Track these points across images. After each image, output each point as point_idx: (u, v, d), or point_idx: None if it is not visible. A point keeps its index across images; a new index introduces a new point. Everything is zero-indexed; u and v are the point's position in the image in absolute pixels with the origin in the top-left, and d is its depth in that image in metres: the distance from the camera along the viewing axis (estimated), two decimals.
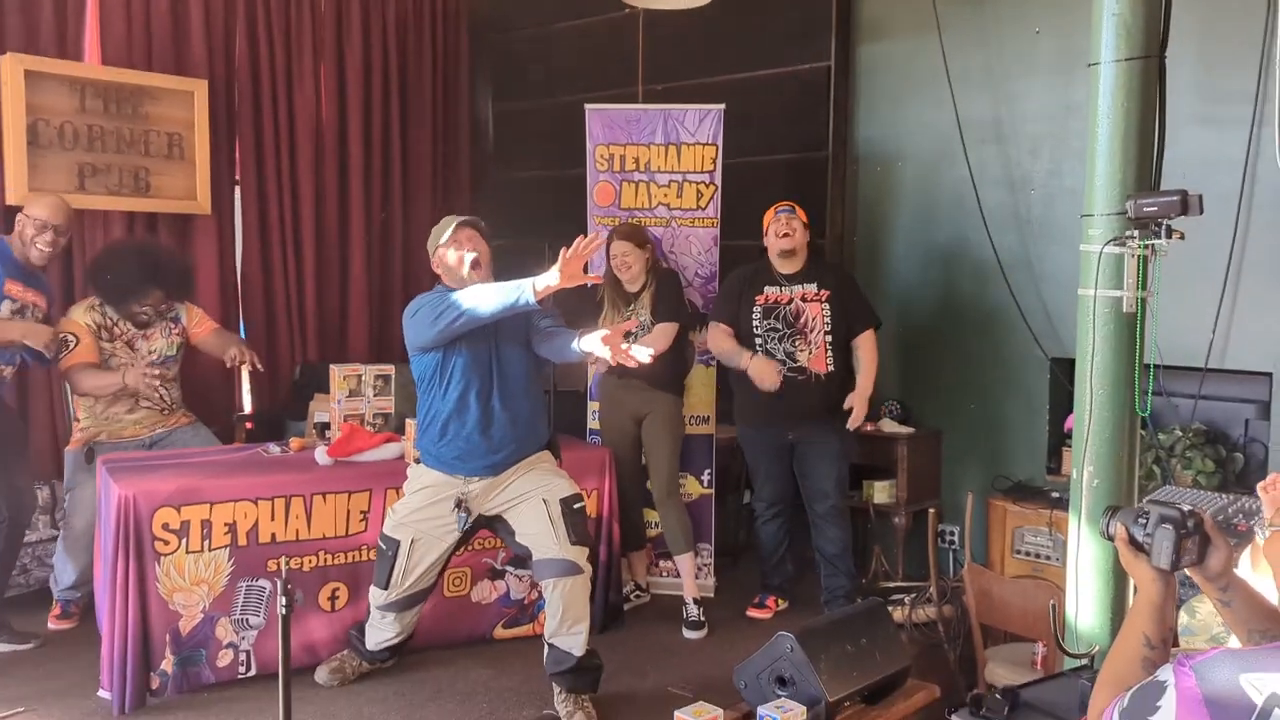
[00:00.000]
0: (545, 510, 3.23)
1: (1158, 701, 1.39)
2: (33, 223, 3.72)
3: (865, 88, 4.79)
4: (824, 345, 4.04)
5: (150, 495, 3.32)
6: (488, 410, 3.23)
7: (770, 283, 4.10)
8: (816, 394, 4.04)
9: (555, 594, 3.21)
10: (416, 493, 3.33)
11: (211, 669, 3.45)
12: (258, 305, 5.04)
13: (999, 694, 1.78)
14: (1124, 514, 1.58)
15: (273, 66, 5.00)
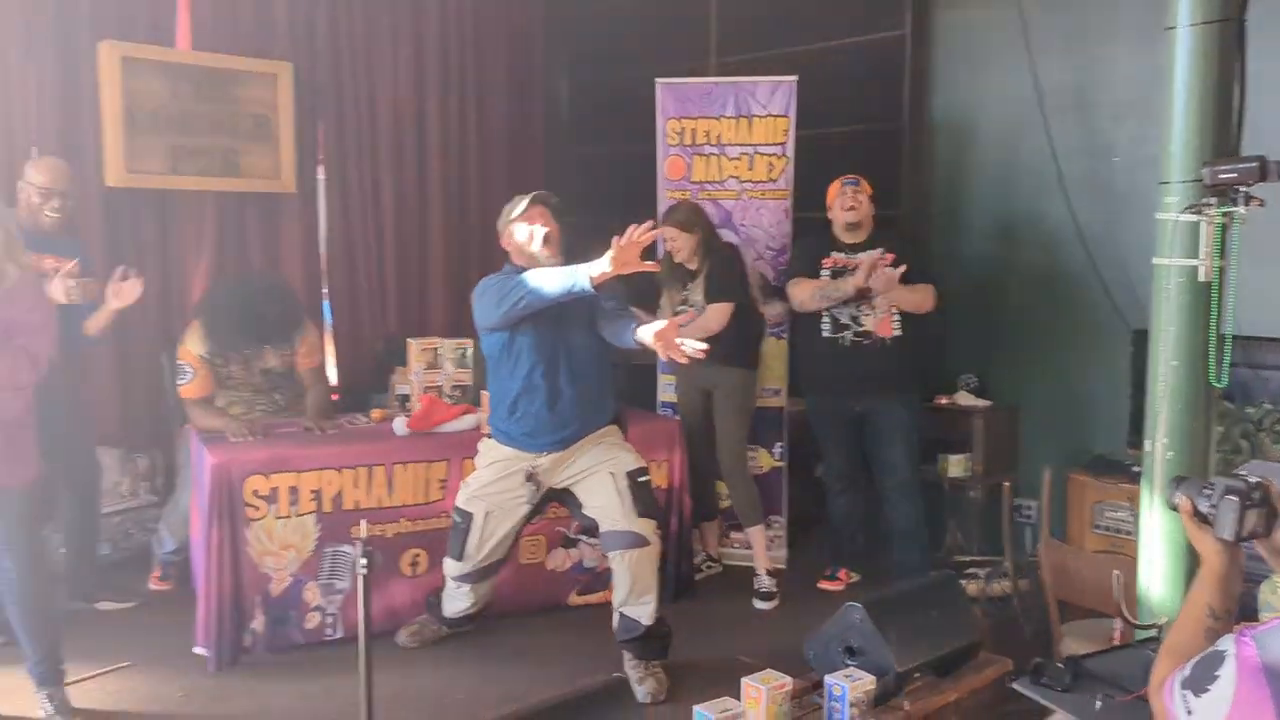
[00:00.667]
0: (612, 483, 3.30)
1: (1217, 671, 1.40)
2: (38, 190, 3.68)
3: (942, 56, 4.71)
4: (889, 309, 4.00)
5: (241, 463, 3.48)
6: (555, 388, 3.29)
7: (836, 249, 4.10)
8: (883, 360, 4.01)
9: (622, 565, 3.27)
10: (488, 466, 3.42)
11: (300, 630, 3.61)
12: (341, 281, 5.18)
13: (1061, 663, 1.78)
14: (1190, 485, 1.58)
15: (353, 48, 5.11)
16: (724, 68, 5.12)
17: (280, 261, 4.93)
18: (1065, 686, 1.78)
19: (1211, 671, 1.40)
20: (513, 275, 3.26)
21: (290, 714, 3.15)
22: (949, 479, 4.48)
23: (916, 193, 4.77)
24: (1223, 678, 1.38)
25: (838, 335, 4.06)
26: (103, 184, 4.37)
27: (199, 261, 4.69)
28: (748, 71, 4.75)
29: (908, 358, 4.05)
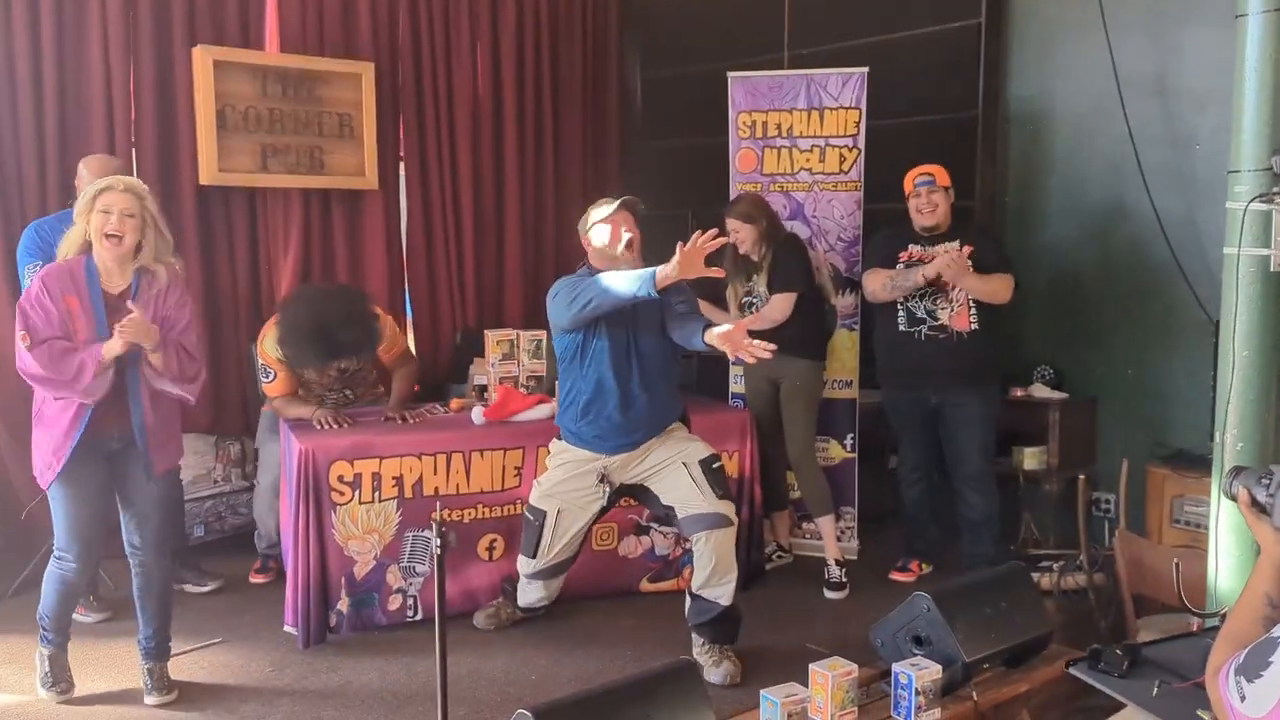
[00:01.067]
0: (686, 472, 3.36)
1: (1270, 657, 1.41)
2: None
3: (1018, 44, 4.66)
4: (966, 302, 3.99)
5: (326, 449, 3.62)
6: (627, 392, 3.36)
7: (913, 241, 4.10)
8: (958, 353, 4.00)
9: (707, 546, 3.31)
10: (559, 466, 3.50)
11: (383, 611, 3.75)
12: (421, 275, 5.33)
13: (1119, 650, 1.80)
14: (1248, 475, 1.58)
15: (433, 47, 5.25)
16: (797, 60, 5.13)
17: (363, 256, 5.10)
18: (1122, 672, 1.79)
19: (1265, 658, 1.41)
20: (585, 277, 3.33)
21: (372, 690, 3.28)
22: (1024, 472, 4.45)
23: (991, 183, 4.73)
24: (1275, 664, 1.39)
25: (913, 329, 4.06)
26: (196, 182, 4.58)
27: (287, 256, 4.87)
28: (820, 63, 4.76)
29: (985, 351, 4.03)
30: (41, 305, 2.92)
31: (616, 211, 3.40)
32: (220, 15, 4.65)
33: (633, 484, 3.50)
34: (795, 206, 4.47)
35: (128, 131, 4.45)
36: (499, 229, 5.57)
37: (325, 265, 5.00)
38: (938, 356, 4.02)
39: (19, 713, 3.13)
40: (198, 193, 4.60)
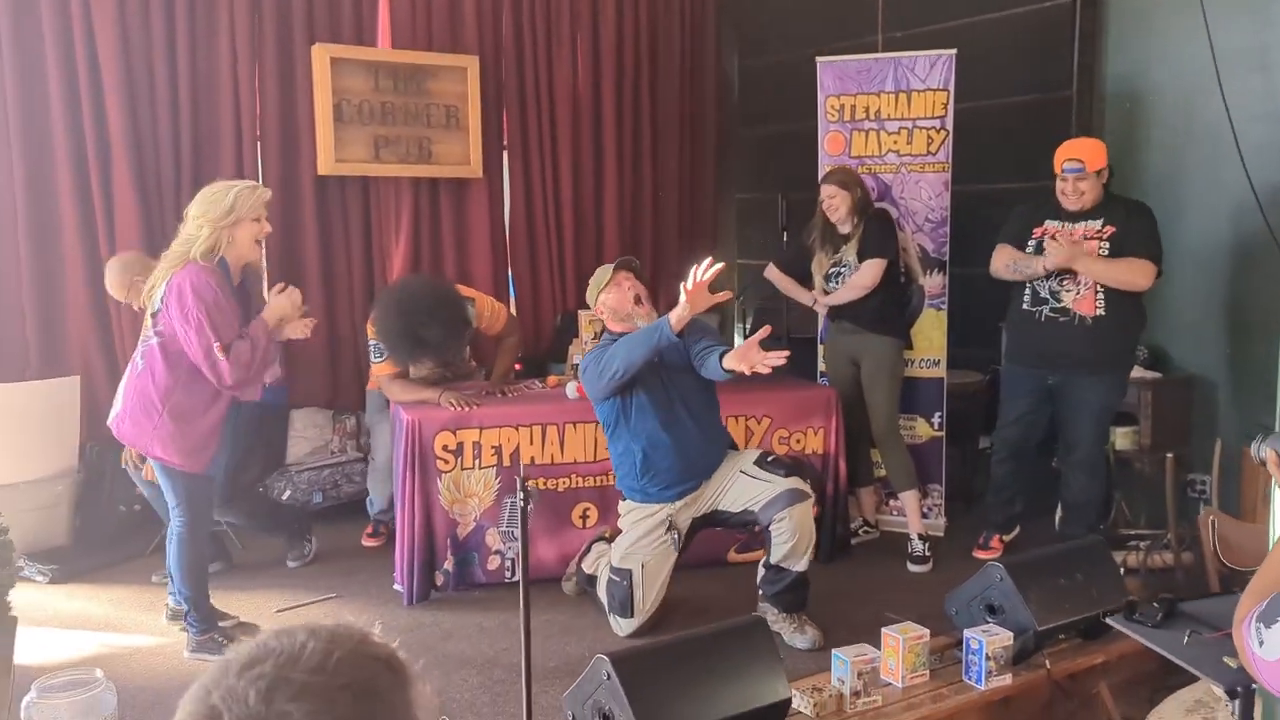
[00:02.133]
0: (746, 476, 3.48)
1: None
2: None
3: (1114, 22, 4.61)
4: (1094, 286, 3.86)
5: (432, 420, 3.88)
6: (678, 437, 3.47)
7: (1053, 216, 4.00)
8: (1079, 338, 3.90)
9: (789, 523, 3.39)
10: (631, 526, 3.58)
11: (483, 570, 3.99)
12: (523, 259, 5.58)
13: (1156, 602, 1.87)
14: (1275, 438, 1.65)
15: (535, 40, 5.47)
16: (891, 43, 5.17)
17: (468, 241, 5.36)
18: (1156, 623, 1.87)
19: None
20: (608, 345, 3.47)
21: (470, 642, 3.53)
22: (1116, 452, 4.42)
23: None
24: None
25: (1036, 309, 3.99)
26: (315, 172, 4.90)
27: (398, 241, 5.17)
28: (914, 46, 4.80)
29: (1110, 337, 3.89)
30: (218, 304, 3.13)
31: (616, 273, 3.56)
32: (337, 15, 4.96)
33: (702, 515, 3.59)
34: (883, 188, 4.54)
35: (253, 126, 4.81)
36: (598, 215, 5.77)
37: (433, 250, 5.28)
38: (1058, 339, 3.93)
39: (154, 652, 3.47)
40: (316, 182, 4.93)
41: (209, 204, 3.20)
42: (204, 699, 0.84)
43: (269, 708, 0.81)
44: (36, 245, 4.38)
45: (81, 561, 4.16)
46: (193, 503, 3.34)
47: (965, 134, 4.46)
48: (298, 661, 0.84)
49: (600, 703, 2.46)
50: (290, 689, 0.82)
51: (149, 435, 3.24)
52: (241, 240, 3.23)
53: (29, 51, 4.31)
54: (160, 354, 3.21)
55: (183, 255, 3.18)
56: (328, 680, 0.83)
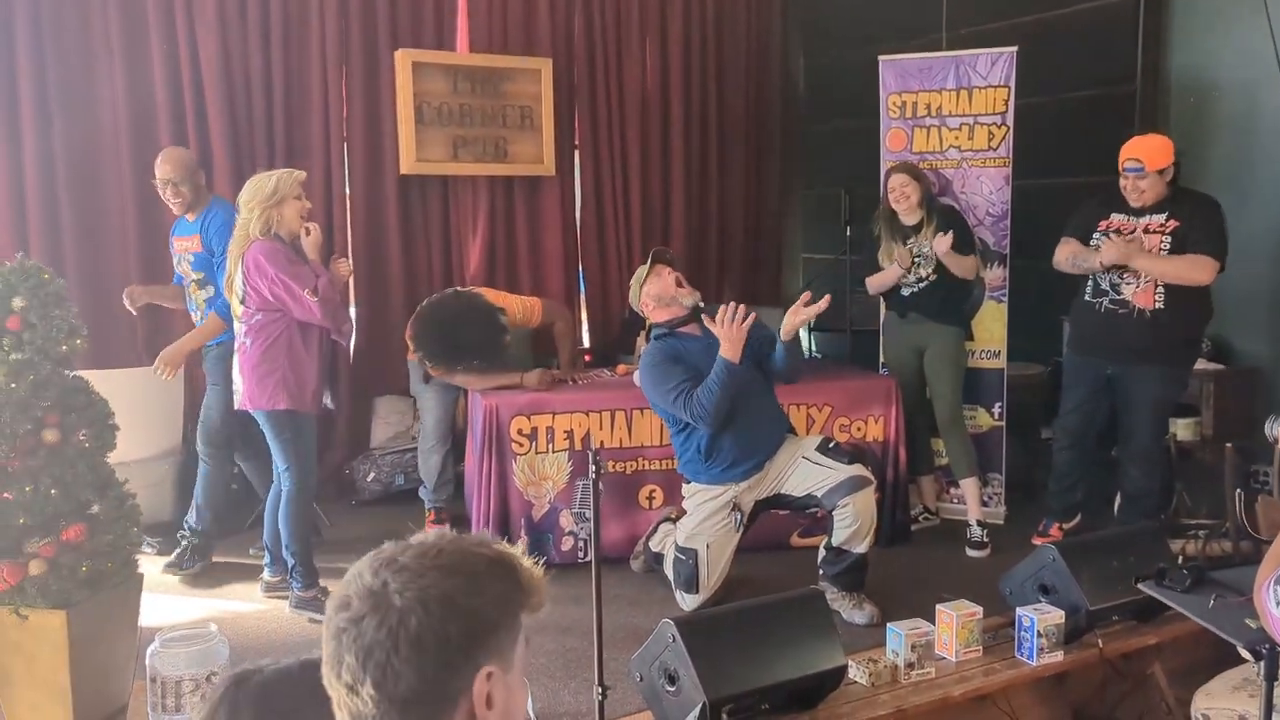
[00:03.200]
0: (809, 462, 3.63)
1: None
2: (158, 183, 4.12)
3: (1179, 16, 4.65)
4: (1154, 280, 3.90)
5: (508, 405, 4.10)
6: (743, 417, 3.61)
7: (1119, 209, 4.04)
8: (1136, 330, 3.94)
9: (851, 510, 3.54)
10: (697, 508, 3.73)
11: (557, 551, 4.20)
12: (593, 254, 5.79)
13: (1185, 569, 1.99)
14: None
15: (605, 43, 5.67)
16: (955, 40, 5.26)
17: (541, 237, 5.59)
18: (1185, 589, 1.98)
19: None
20: (668, 358, 3.65)
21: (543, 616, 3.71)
22: (1178, 442, 4.47)
23: None
24: None
25: (1096, 300, 4.05)
26: (398, 172, 5.16)
27: (475, 236, 5.42)
28: (979, 43, 4.88)
29: (1169, 331, 3.92)
30: (290, 260, 3.59)
31: (654, 266, 3.76)
32: (418, 21, 5.22)
33: (766, 498, 3.75)
34: (944, 183, 4.64)
35: (340, 128, 5.09)
36: (665, 211, 5.96)
37: (508, 245, 5.52)
38: (1117, 330, 3.98)
39: (257, 616, 3.75)
40: (399, 181, 5.19)
41: (255, 190, 3.63)
42: (345, 583, 1.13)
43: (375, 578, 1.10)
44: (143, 242, 4.70)
45: None
46: (301, 455, 3.71)
47: (1028, 129, 4.54)
48: (407, 549, 1.13)
49: (666, 664, 2.64)
50: (394, 567, 1.10)
51: (273, 391, 3.63)
52: (289, 217, 3.64)
53: (138, 61, 4.65)
54: (262, 326, 3.63)
55: (244, 238, 3.61)
56: (423, 562, 1.11)
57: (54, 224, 4.59)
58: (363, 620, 1.07)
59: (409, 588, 1.08)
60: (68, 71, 4.56)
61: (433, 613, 1.07)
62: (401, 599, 1.07)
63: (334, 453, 5.14)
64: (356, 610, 1.08)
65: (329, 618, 1.11)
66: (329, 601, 1.13)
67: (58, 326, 2.72)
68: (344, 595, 1.11)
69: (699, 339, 3.73)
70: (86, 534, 2.70)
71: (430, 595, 1.08)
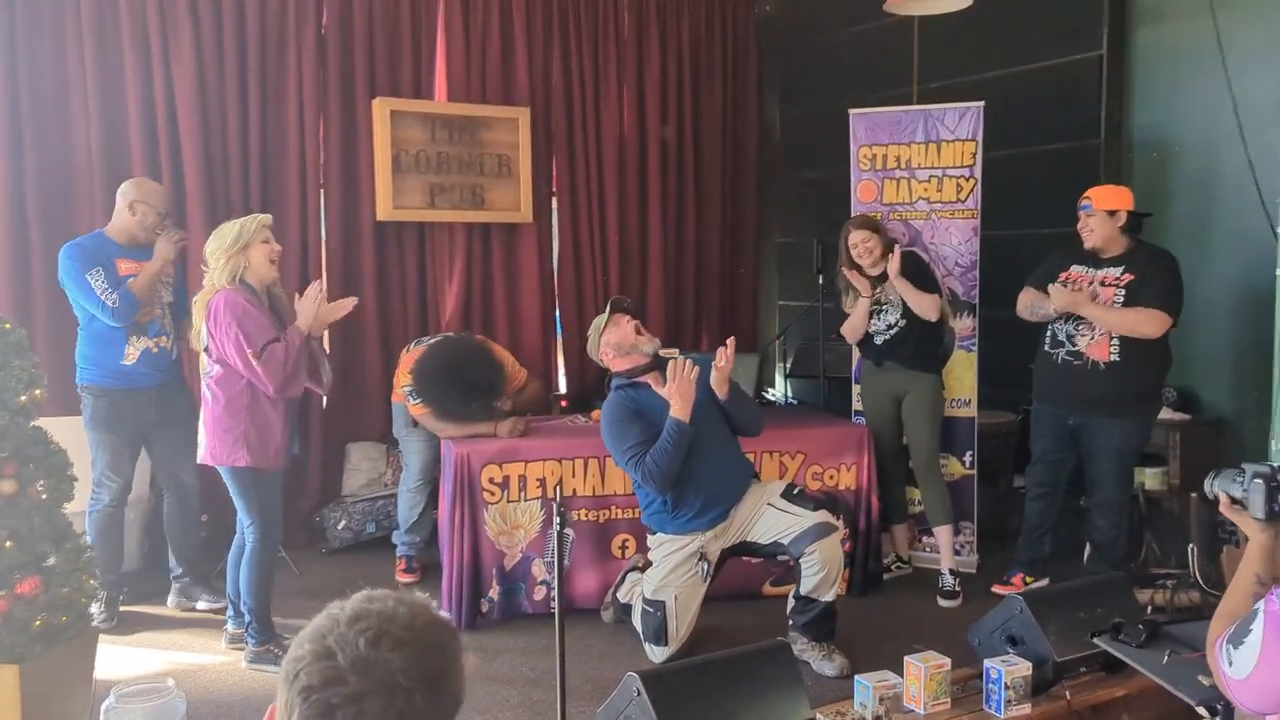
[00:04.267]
0: (774, 508, 3.63)
1: (1251, 625, 1.63)
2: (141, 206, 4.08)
3: (1140, 74, 4.76)
4: (1107, 332, 3.98)
5: (480, 454, 4.09)
6: (705, 466, 3.63)
7: (1079, 262, 4.13)
8: (1094, 382, 4.01)
9: (817, 557, 3.55)
10: (663, 559, 3.72)
11: (529, 600, 4.17)
12: (570, 300, 5.82)
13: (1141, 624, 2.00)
14: (1224, 476, 1.80)
15: (583, 91, 5.74)
16: (925, 93, 5.35)
17: (518, 283, 5.61)
18: (1140, 643, 1.99)
19: (1247, 626, 1.63)
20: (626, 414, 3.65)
21: (511, 665, 3.71)
22: (1146, 491, 4.51)
23: None
24: (1254, 629, 1.61)
25: (1053, 351, 4.14)
26: (374, 218, 5.18)
27: (451, 283, 5.43)
28: (947, 96, 4.98)
29: (1125, 382, 3.98)
30: (246, 314, 3.48)
31: (613, 315, 3.78)
32: (396, 69, 5.27)
33: (732, 546, 3.75)
34: (914, 234, 4.70)
35: (317, 174, 5.11)
36: (642, 258, 6.00)
37: (484, 291, 5.54)
38: (1074, 382, 4.06)
39: (219, 669, 3.70)
40: (375, 227, 5.21)
41: (219, 238, 3.58)
42: (320, 641, 1.08)
43: (375, 652, 1.06)
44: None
45: (150, 584, 4.43)
46: (264, 509, 3.64)
47: (996, 181, 4.61)
48: (394, 620, 1.10)
49: (631, 718, 2.61)
50: (391, 640, 1.07)
51: (233, 447, 3.54)
52: (256, 262, 3.57)
53: (112, 103, 4.66)
54: (223, 378, 3.55)
55: (210, 287, 3.55)
56: (417, 637, 1.09)
57: (24, 268, 4.57)
58: (363, 699, 1.04)
59: (413, 667, 1.06)
60: (41, 111, 4.56)
61: (434, 691, 1.07)
62: (407, 679, 1.06)
63: (304, 500, 5.11)
64: (356, 687, 1.05)
65: (311, 688, 1.05)
66: (306, 672, 1.07)
67: (17, 377, 2.71)
68: (331, 666, 1.06)
69: (648, 391, 3.73)
70: (41, 587, 2.67)
71: (431, 673, 1.08)
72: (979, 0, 4.56)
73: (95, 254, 3.99)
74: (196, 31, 4.75)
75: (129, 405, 4.05)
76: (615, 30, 5.83)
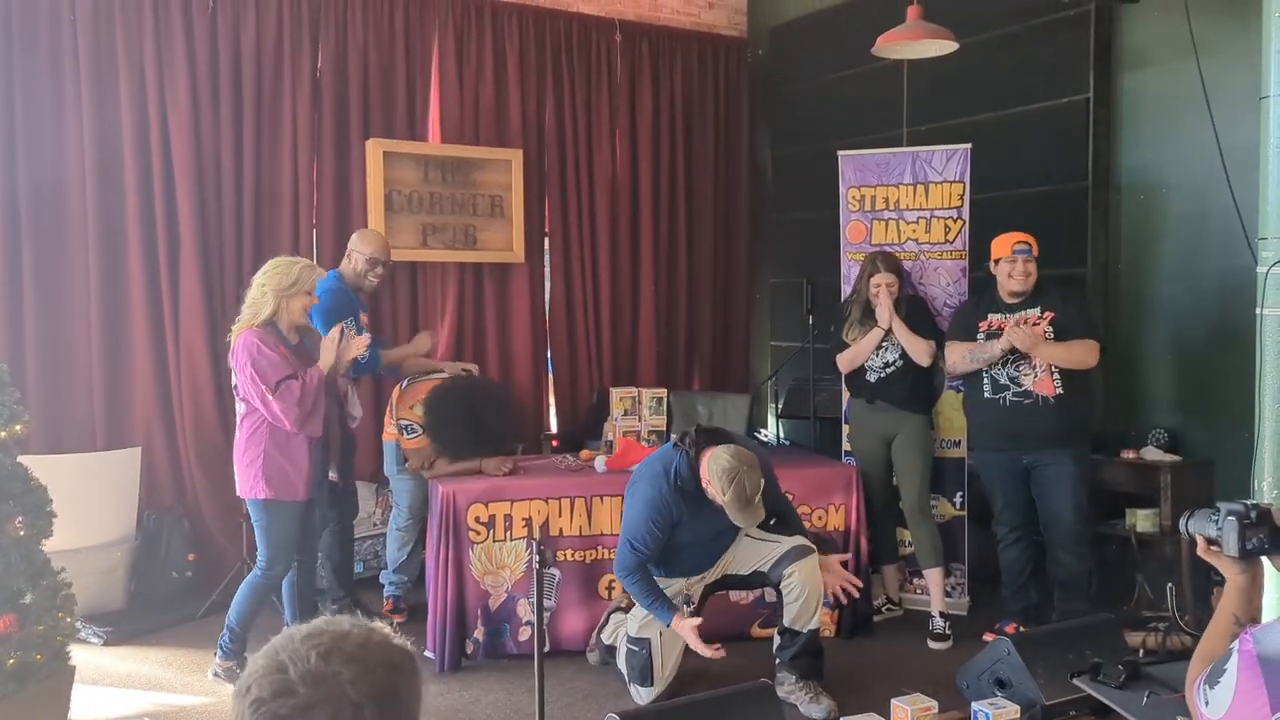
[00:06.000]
0: (751, 539, 3.66)
1: (1225, 665, 1.62)
2: (364, 259, 4.42)
3: (1127, 116, 4.80)
4: (1048, 368, 4.08)
5: (466, 493, 4.07)
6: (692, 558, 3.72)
7: (994, 309, 4.24)
8: (1045, 417, 4.09)
9: (799, 578, 3.56)
10: None
11: (514, 641, 4.13)
12: (561, 339, 5.83)
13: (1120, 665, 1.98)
14: (1199, 517, 1.80)
15: (576, 134, 5.80)
16: (915, 136, 5.40)
17: (510, 322, 5.63)
18: (1119, 684, 1.97)
19: (1222, 665, 1.62)
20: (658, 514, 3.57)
21: (495, 706, 3.67)
22: (1137, 534, 4.48)
23: (1104, 250, 4.84)
24: (1229, 669, 1.59)
25: (998, 395, 4.18)
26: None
27: (443, 322, 5.45)
28: (935, 139, 5.02)
29: (1073, 413, 4.12)
30: (261, 353, 3.58)
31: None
32: (390, 111, 5.32)
33: (714, 581, 3.79)
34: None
35: (310, 215, 5.14)
36: (634, 298, 6.02)
37: (476, 331, 5.55)
38: (1026, 420, 4.12)
39: (200, 710, 3.65)
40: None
41: (277, 274, 3.67)
42: (273, 656, 1.09)
43: (326, 665, 1.07)
44: (107, 326, 4.70)
45: (136, 624, 4.39)
46: (274, 544, 3.72)
47: (984, 222, 4.63)
48: (347, 638, 1.11)
49: None
50: (342, 655, 1.08)
51: (254, 480, 3.66)
52: (295, 310, 3.71)
53: (107, 142, 4.68)
54: (247, 413, 3.69)
55: (248, 320, 3.65)
56: (369, 654, 1.10)
57: (16, 305, 4.56)
58: (312, 710, 1.05)
59: (362, 680, 1.07)
60: (36, 144, 4.56)
61: (384, 708, 1.07)
62: (355, 691, 1.06)
63: None
64: (305, 698, 1.06)
65: (261, 699, 1.06)
66: (258, 684, 1.08)
67: None
68: (282, 679, 1.07)
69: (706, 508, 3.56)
70: (16, 624, 2.65)
71: (381, 689, 1.08)
72: (967, 45, 4.64)
73: (343, 305, 4.28)
74: (192, 70, 4.79)
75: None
76: (608, 74, 5.90)
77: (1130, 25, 4.78)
